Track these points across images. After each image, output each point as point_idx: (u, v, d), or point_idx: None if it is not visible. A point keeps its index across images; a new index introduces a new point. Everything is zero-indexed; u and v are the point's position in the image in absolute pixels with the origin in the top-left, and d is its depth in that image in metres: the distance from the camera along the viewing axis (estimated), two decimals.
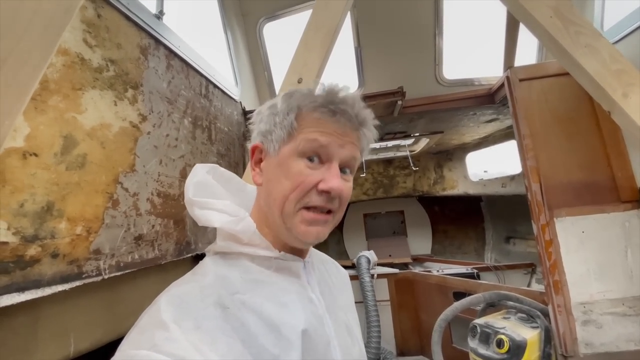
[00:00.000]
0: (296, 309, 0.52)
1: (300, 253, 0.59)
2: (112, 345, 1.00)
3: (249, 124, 0.62)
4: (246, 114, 2.05)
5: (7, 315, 0.76)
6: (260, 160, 0.59)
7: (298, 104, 0.54)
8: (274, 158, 0.55)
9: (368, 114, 0.57)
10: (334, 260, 0.77)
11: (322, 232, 0.53)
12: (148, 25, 1.12)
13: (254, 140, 0.60)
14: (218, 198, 0.57)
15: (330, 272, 0.69)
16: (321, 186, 0.51)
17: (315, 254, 0.70)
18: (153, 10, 1.23)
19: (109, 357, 0.43)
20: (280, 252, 0.56)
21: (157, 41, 1.17)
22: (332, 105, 0.52)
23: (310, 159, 0.52)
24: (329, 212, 0.53)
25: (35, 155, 0.76)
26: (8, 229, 0.70)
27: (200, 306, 0.46)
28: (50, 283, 0.78)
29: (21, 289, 0.73)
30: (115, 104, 0.97)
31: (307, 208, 0.52)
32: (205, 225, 0.55)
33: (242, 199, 0.62)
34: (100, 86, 0.92)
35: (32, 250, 0.75)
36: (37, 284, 0.76)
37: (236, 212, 0.55)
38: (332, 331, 0.55)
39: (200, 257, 0.97)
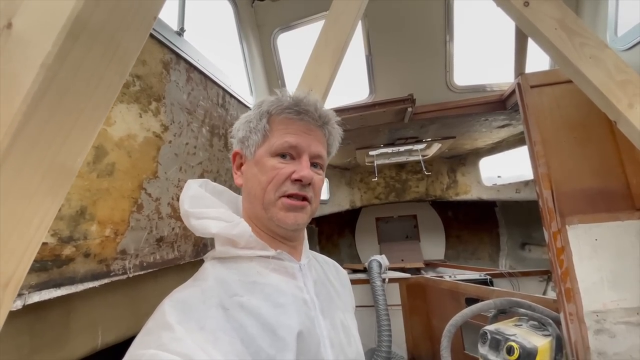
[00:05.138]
0: (291, 311, 0.55)
1: (294, 254, 0.63)
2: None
3: (231, 137, 0.69)
4: None
5: (44, 309, 0.85)
6: (241, 165, 0.66)
7: (268, 109, 0.61)
8: (251, 160, 0.62)
9: (330, 114, 0.65)
10: (334, 262, 0.81)
11: (300, 217, 0.59)
12: (170, 41, 1.21)
13: (235, 147, 0.67)
14: (212, 208, 0.61)
15: (328, 274, 0.72)
16: (294, 175, 0.58)
17: (315, 256, 0.74)
18: (175, 27, 1.32)
19: None
20: (276, 250, 0.60)
21: (178, 56, 1.26)
22: (296, 107, 0.60)
23: (283, 156, 0.60)
24: (304, 199, 0.59)
25: None
26: (47, 230, 0.78)
27: (202, 308, 0.49)
28: (82, 280, 0.86)
29: (57, 285, 0.81)
30: (141, 116, 1.05)
31: (285, 197, 0.58)
32: (203, 234, 0.59)
33: (234, 209, 0.66)
34: (128, 100, 1.00)
35: (68, 250, 0.82)
36: (72, 281, 0.83)
37: (231, 218, 0.59)
38: (324, 331, 0.58)
39: None
